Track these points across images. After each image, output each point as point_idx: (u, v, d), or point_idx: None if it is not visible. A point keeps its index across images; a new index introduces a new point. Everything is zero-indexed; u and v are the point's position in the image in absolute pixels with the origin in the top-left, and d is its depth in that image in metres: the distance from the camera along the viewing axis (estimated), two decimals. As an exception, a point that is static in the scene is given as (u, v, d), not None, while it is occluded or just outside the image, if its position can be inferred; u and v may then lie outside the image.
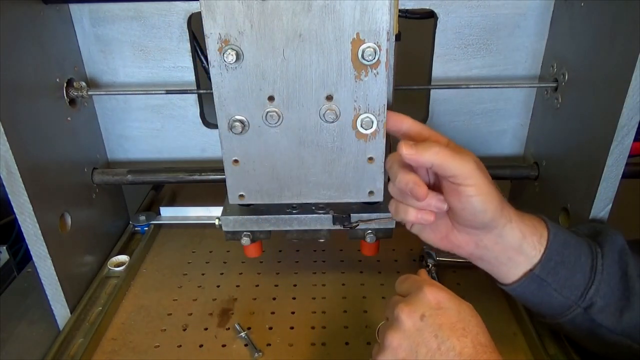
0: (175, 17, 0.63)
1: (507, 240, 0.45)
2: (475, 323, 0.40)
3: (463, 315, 0.40)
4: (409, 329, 0.39)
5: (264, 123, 0.46)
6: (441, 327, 0.39)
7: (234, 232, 0.55)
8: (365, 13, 0.41)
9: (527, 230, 0.46)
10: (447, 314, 0.39)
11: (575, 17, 0.57)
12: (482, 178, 0.42)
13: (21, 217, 0.52)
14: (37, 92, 0.55)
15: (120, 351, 0.56)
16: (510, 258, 0.46)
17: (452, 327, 0.39)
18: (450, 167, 0.42)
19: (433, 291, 0.40)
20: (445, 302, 0.40)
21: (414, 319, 0.39)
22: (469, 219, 0.44)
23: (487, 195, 0.43)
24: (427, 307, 0.40)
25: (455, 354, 0.38)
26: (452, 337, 0.38)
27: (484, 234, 0.46)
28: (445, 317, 0.39)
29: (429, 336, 0.39)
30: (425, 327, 0.39)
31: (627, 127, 0.49)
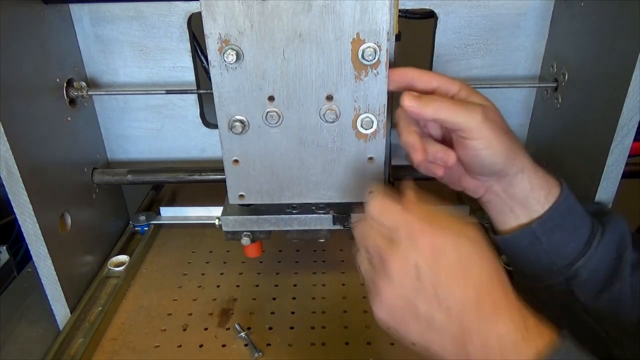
0: (175, 17, 0.63)
1: (514, 189, 0.45)
2: (478, 265, 0.35)
3: (464, 259, 0.35)
4: (403, 286, 0.35)
5: (264, 123, 0.46)
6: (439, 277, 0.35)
7: (234, 232, 0.55)
8: (365, 13, 0.41)
9: (536, 183, 0.45)
10: (446, 260, 0.35)
11: (575, 17, 0.57)
12: (490, 130, 0.41)
13: (21, 217, 0.52)
14: (37, 92, 0.55)
15: (120, 351, 0.56)
16: (512, 209, 0.46)
17: (452, 275, 0.35)
18: (454, 122, 0.41)
19: (426, 235, 0.35)
20: (441, 245, 0.35)
21: (407, 274, 0.35)
22: (478, 169, 0.44)
23: (495, 148, 0.42)
24: (421, 257, 0.35)
25: (456, 304, 0.34)
26: (451, 287, 0.34)
27: (494, 180, 0.45)
28: (443, 265, 0.35)
29: (426, 291, 0.35)
30: (421, 282, 0.35)
31: (627, 127, 0.49)
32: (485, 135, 0.41)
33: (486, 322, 0.34)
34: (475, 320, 0.34)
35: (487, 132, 0.41)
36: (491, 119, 0.42)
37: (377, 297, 0.37)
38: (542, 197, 0.45)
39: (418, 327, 0.36)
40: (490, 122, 0.42)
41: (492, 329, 0.33)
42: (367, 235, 0.39)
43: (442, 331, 0.35)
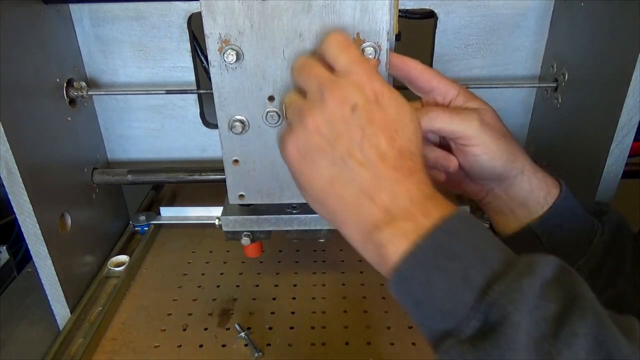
0: (175, 17, 0.63)
1: (515, 191, 0.45)
2: (412, 130, 0.35)
3: (401, 117, 0.34)
4: (334, 118, 0.34)
5: (264, 123, 0.46)
6: (372, 122, 0.33)
7: (234, 232, 0.55)
8: (365, 13, 0.41)
9: (536, 184, 0.45)
10: (384, 111, 0.34)
11: (575, 17, 0.57)
12: (487, 135, 0.42)
13: (21, 217, 0.52)
14: (37, 92, 0.55)
15: (120, 351, 0.56)
16: (513, 210, 0.46)
17: (384, 127, 0.34)
18: (451, 130, 0.41)
19: (375, 84, 0.34)
20: (387, 99, 0.34)
21: (343, 109, 0.33)
22: (479, 173, 0.44)
23: (494, 152, 0.42)
24: (362, 98, 0.34)
25: (378, 153, 0.33)
26: (380, 135, 0.33)
27: (494, 184, 0.46)
28: (380, 114, 0.34)
29: (355, 128, 0.33)
30: (354, 119, 0.33)
31: (627, 127, 0.49)
32: (483, 141, 0.42)
33: (399, 181, 0.33)
34: (390, 176, 0.33)
35: (485, 137, 0.42)
36: (488, 124, 0.42)
37: (299, 125, 0.35)
38: (541, 198, 0.45)
39: (327, 163, 0.34)
40: (488, 126, 0.42)
41: (405, 187, 0.33)
42: (311, 66, 0.37)
43: (352, 173, 0.33)
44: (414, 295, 0.31)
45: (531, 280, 0.28)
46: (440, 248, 0.30)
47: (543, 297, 0.28)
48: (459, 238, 0.31)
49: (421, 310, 0.31)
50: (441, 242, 0.31)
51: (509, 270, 0.29)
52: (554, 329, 0.27)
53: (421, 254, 0.30)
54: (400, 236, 0.31)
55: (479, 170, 0.44)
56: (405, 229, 0.31)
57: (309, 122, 0.34)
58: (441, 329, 0.30)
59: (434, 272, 0.30)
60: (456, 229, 0.31)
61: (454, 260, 0.30)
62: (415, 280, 0.30)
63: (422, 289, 0.30)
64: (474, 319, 0.28)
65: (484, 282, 0.29)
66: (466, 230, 0.31)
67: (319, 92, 0.35)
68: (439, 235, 0.31)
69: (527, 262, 0.30)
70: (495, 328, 0.27)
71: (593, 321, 0.27)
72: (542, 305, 0.28)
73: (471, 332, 0.28)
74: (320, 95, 0.34)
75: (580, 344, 0.26)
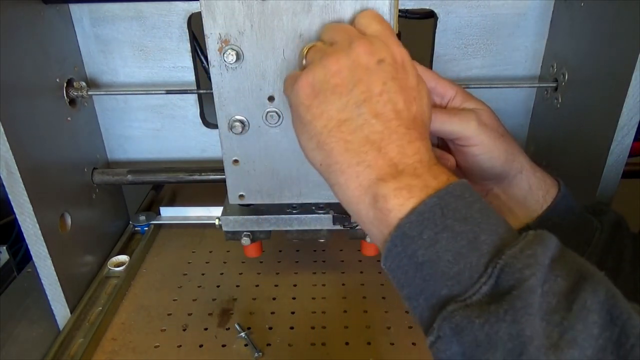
0: (175, 17, 0.63)
1: (513, 190, 0.45)
2: (427, 103, 0.35)
3: (420, 88, 0.35)
4: (359, 64, 0.33)
5: (264, 123, 0.46)
6: (394, 79, 0.33)
7: (234, 232, 0.55)
8: (365, 13, 0.41)
9: (535, 183, 0.45)
10: (407, 75, 0.34)
11: (575, 17, 0.57)
12: (486, 135, 0.41)
13: (21, 217, 0.52)
14: (37, 92, 0.55)
15: (120, 351, 0.56)
16: (512, 209, 0.46)
17: (405, 88, 0.33)
18: (449, 131, 0.41)
19: (403, 51, 0.34)
20: (411, 67, 0.34)
21: (370, 59, 0.33)
22: (478, 173, 0.44)
23: (492, 152, 0.42)
24: (390, 57, 0.33)
25: (394, 109, 0.32)
26: (399, 94, 0.33)
27: (493, 183, 0.46)
28: (404, 75, 0.34)
29: (376, 79, 0.32)
30: (378, 71, 0.33)
31: (627, 127, 0.49)
32: (481, 141, 0.42)
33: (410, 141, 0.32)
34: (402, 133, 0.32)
35: (483, 137, 0.42)
36: (486, 124, 0.42)
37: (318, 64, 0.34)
38: (540, 197, 0.45)
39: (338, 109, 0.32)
40: (486, 127, 0.42)
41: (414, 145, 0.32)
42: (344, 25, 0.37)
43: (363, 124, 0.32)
44: (415, 258, 0.29)
45: (544, 249, 0.27)
46: (448, 208, 0.29)
47: (553, 272, 0.27)
48: (467, 202, 0.29)
49: (422, 275, 0.29)
50: (449, 202, 0.29)
51: (520, 238, 0.28)
52: (564, 303, 0.26)
53: (428, 212, 0.29)
54: (405, 191, 0.30)
55: (477, 170, 0.44)
56: (412, 184, 0.30)
57: (331, 63, 0.33)
58: (444, 295, 0.28)
59: (441, 231, 0.28)
60: (464, 194, 0.30)
61: (462, 222, 0.28)
62: (419, 240, 0.28)
63: (427, 250, 0.28)
64: (483, 284, 0.27)
65: (493, 247, 0.27)
66: (473, 197, 0.30)
67: (347, 42, 0.34)
68: (446, 196, 0.29)
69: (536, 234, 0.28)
70: (509, 292, 0.26)
71: (606, 296, 0.26)
72: (552, 278, 0.26)
73: (480, 297, 0.27)
74: (349, 44, 0.33)
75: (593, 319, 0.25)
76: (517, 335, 0.25)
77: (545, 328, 0.25)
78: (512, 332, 0.25)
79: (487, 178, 0.45)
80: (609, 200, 0.53)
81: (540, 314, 0.25)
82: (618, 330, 0.25)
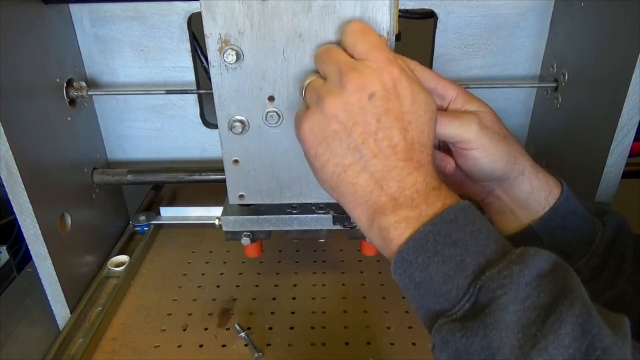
0: (175, 17, 0.63)
1: (515, 192, 0.45)
2: (425, 120, 0.36)
3: (416, 107, 0.35)
4: (352, 104, 0.35)
5: (264, 123, 0.46)
6: (388, 112, 0.34)
7: (234, 232, 0.55)
8: (365, 13, 0.41)
9: (537, 185, 0.45)
10: (400, 101, 0.35)
11: (575, 17, 0.57)
12: (487, 138, 0.41)
13: (21, 217, 0.52)
14: (37, 92, 0.55)
15: (120, 351, 0.56)
16: (513, 211, 0.46)
17: (399, 117, 0.35)
18: (449, 135, 0.41)
19: (393, 72, 0.35)
20: (403, 88, 0.35)
21: (361, 95, 0.34)
22: (479, 176, 0.44)
23: (494, 155, 0.42)
24: (380, 86, 0.34)
25: (390, 145, 0.34)
26: (394, 127, 0.34)
27: (495, 185, 0.46)
28: (396, 104, 0.35)
29: (370, 118, 0.34)
30: (370, 108, 0.34)
31: (627, 127, 0.49)
32: (483, 144, 0.42)
33: (409, 173, 0.34)
34: (400, 167, 0.34)
35: (484, 140, 0.41)
36: (488, 127, 0.42)
37: (316, 108, 0.36)
38: (542, 199, 0.45)
39: (342, 151, 0.35)
40: (487, 129, 0.42)
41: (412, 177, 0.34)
42: (332, 52, 0.38)
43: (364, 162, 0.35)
44: (414, 278, 0.33)
45: (522, 269, 0.30)
46: (440, 234, 0.32)
47: (536, 288, 0.29)
48: (459, 226, 0.33)
49: (420, 293, 0.33)
50: (441, 229, 0.32)
51: (503, 259, 0.31)
52: (543, 316, 0.28)
53: (422, 240, 0.32)
54: (403, 222, 0.33)
55: (478, 172, 0.44)
56: (409, 215, 0.33)
57: (326, 107, 0.35)
58: (437, 310, 0.32)
59: (433, 256, 0.32)
60: (457, 218, 0.33)
61: (452, 246, 0.32)
62: (415, 264, 0.32)
63: (422, 273, 0.32)
64: (465, 301, 0.30)
65: (477, 268, 0.31)
66: (466, 219, 0.33)
67: (338, 77, 0.35)
68: (439, 222, 0.33)
69: (520, 252, 0.31)
70: (483, 309, 0.29)
71: (580, 311, 0.28)
72: (534, 294, 0.29)
73: (462, 312, 0.30)
74: (340, 80, 0.35)
75: (565, 330, 0.27)
76: (487, 347, 0.28)
77: (520, 339, 0.28)
78: (484, 344, 0.28)
79: (488, 180, 0.45)
80: (609, 200, 0.53)
81: (518, 327, 0.28)
82: (587, 342, 0.27)
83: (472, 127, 0.41)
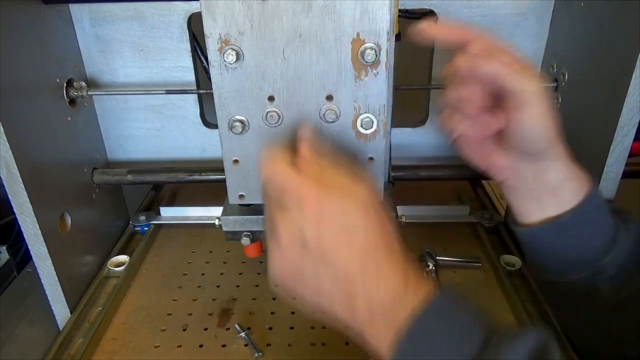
0: (175, 17, 0.63)
1: (548, 177, 0.43)
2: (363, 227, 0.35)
3: (348, 221, 0.35)
4: (290, 253, 0.36)
5: (264, 123, 0.46)
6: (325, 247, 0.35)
7: (234, 232, 0.55)
8: (365, 13, 0.41)
9: (570, 174, 0.44)
10: (330, 226, 0.35)
11: (575, 17, 0.57)
12: (545, 101, 0.40)
13: (21, 217, 0.52)
14: (37, 92, 0.55)
15: (120, 351, 0.56)
16: (540, 197, 0.44)
17: (337, 242, 0.35)
18: (514, 83, 0.40)
19: (312, 201, 0.35)
20: (327, 210, 0.35)
21: (296, 243, 0.35)
22: (521, 142, 0.42)
23: (545, 121, 0.41)
24: (306, 221, 0.35)
25: (342, 267, 0.35)
26: (336, 251, 0.35)
27: (528, 163, 0.44)
28: (329, 231, 0.35)
29: (311, 257, 0.35)
30: (307, 255, 0.35)
31: (627, 127, 0.49)
32: (538, 105, 0.40)
33: (370, 286, 0.34)
34: (360, 284, 0.35)
35: (541, 101, 0.40)
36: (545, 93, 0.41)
37: (270, 261, 0.38)
38: (575, 189, 0.44)
39: (309, 292, 0.37)
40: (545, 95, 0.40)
41: (375, 291, 0.34)
42: (264, 196, 0.40)
43: (330, 296, 0.36)
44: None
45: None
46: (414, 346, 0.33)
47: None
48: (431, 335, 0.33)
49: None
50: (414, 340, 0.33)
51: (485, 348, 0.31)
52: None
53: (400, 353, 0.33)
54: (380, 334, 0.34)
55: (523, 138, 0.42)
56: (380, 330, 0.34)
57: (274, 261, 0.37)
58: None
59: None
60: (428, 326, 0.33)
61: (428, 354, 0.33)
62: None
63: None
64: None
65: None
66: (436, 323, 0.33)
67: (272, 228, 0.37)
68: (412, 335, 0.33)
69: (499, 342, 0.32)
70: None
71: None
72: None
73: None
74: (274, 232, 0.37)
75: None
76: None
77: None
78: None
79: (528, 152, 0.43)
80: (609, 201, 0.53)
81: None
82: None
83: (536, 84, 0.40)
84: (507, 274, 0.64)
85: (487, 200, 0.82)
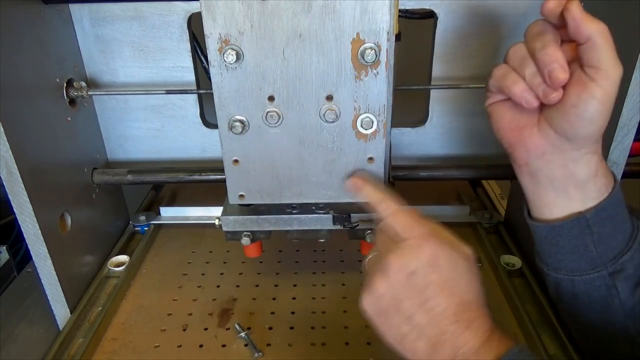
0: (175, 17, 0.63)
1: (578, 169, 0.42)
2: (466, 281, 0.39)
3: (456, 274, 0.39)
4: (396, 283, 0.39)
5: (264, 123, 0.46)
6: (430, 285, 0.38)
7: (234, 232, 0.55)
8: (365, 13, 0.41)
9: (601, 170, 0.43)
10: (440, 271, 0.38)
11: (575, 17, 0.57)
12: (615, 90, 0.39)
13: (21, 217, 0.52)
14: (37, 92, 0.55)
15: (120, 351, 0.56)
16: (566, 190, 0.44)
17: (441, 286, 0.38)
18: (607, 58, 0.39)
19: (432, 247, 0.39)
20: (442, 258, 0.39)
21: (403, 274, 0.38)
22: (569, 122, 0.40)
23: (607, 109, 0.39)
24: (420, 263, 0.38)
25: (439, 311, 0.38)
26: (438, 296, 0.38)
27: (563, 149, 0.42)
28: (437, 275, 0.38)
29: (415, 293, 0.38)
30: (413, 284, 0.38)
31: (627, 127, 0.49)
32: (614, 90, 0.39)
33: (460, 334, 0.37)
34: (451, 330, 0.37)
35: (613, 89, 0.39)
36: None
37: (368, 288, 0.40)
38: (602, 186, 0.43)
39: (397, 322, 0.39)
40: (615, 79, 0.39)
41: (463, 337, 0.37)
42: (379, 235, 0.43)
43: (419, 331, 0.38)
44: None
45: None
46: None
47: None
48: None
49: None
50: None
51: None
52: None
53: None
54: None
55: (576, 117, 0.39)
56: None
57: (375, 288, 0.40)
58: None
59: None
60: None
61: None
62: None
63: None
64: None
65: None
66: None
67: (383, 261, 0.40)
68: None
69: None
70: None
71: None
72: None
73: None
74: (384, 264, 0.39)
75: None
76: None
77: None
78: None
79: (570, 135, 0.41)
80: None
81: None
82: None
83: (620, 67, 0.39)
84: (507, 274, 0.64)
85: (487, 200, 0.82)
